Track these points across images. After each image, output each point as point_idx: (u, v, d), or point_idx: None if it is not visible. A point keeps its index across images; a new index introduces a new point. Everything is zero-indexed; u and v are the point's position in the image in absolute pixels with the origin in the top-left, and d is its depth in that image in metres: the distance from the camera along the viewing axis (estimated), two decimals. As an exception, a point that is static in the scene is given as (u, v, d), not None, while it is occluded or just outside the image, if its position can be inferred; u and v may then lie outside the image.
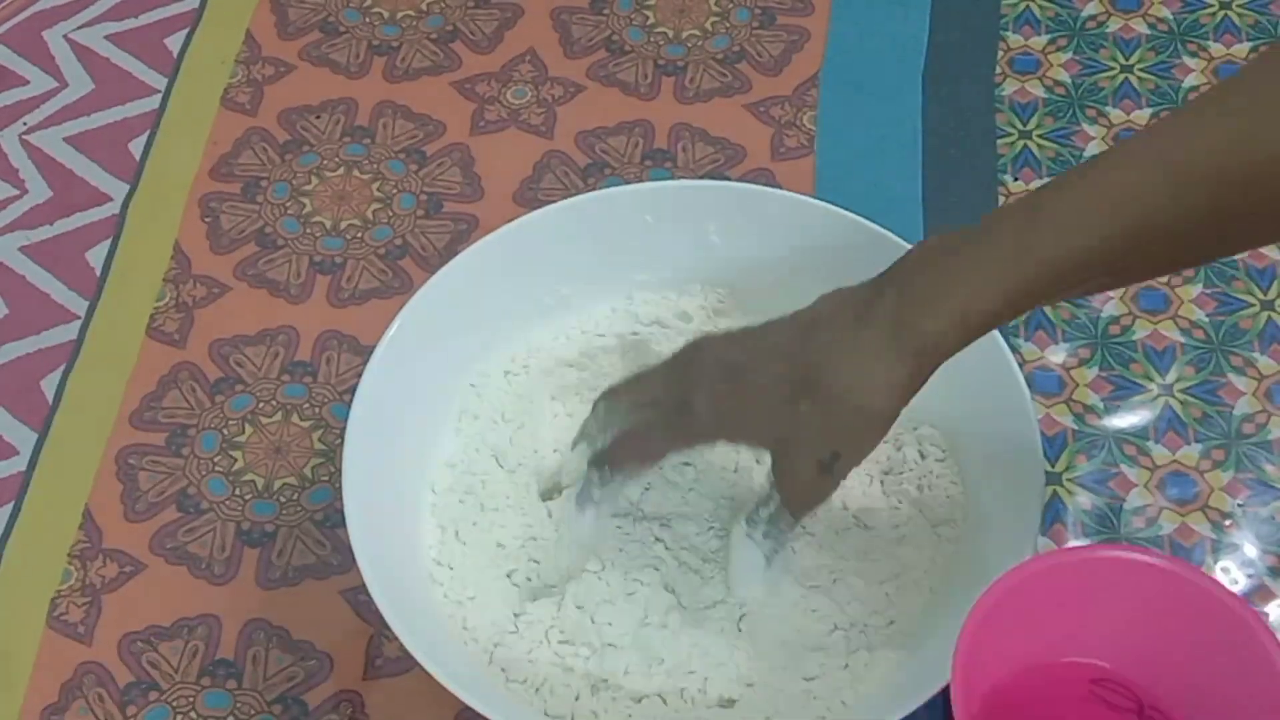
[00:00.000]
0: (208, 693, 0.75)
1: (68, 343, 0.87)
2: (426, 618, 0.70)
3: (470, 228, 0.91)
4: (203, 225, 0.92)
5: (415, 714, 0.73)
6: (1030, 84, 0.96)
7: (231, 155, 0.95)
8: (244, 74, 0.99)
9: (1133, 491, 0.79)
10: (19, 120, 0.97)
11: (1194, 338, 0.84)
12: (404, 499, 0.74)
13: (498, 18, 1.01)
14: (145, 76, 0.99)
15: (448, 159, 0.94)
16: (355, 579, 0.71)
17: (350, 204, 0.92)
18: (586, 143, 0.94)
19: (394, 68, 0.99)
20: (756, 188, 0.81)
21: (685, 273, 0.81)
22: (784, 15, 1.01)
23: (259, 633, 0.76)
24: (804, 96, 0.96)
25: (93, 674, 0.75)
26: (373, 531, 0.68)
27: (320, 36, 1.01)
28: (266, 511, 0.80)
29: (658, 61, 0.99)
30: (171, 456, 0.82)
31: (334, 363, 0.85)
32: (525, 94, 0.97)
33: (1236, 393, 0.82)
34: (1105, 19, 0.99)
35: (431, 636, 0.67)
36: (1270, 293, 0.86)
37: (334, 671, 0.75)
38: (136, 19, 1.02)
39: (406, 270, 0.89)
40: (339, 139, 0.95)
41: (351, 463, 0.69)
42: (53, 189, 0.94)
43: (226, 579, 0.78)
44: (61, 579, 0.78)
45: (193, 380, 0.85)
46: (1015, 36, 0.98)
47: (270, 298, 0.88)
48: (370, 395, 0.72)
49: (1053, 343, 0.84)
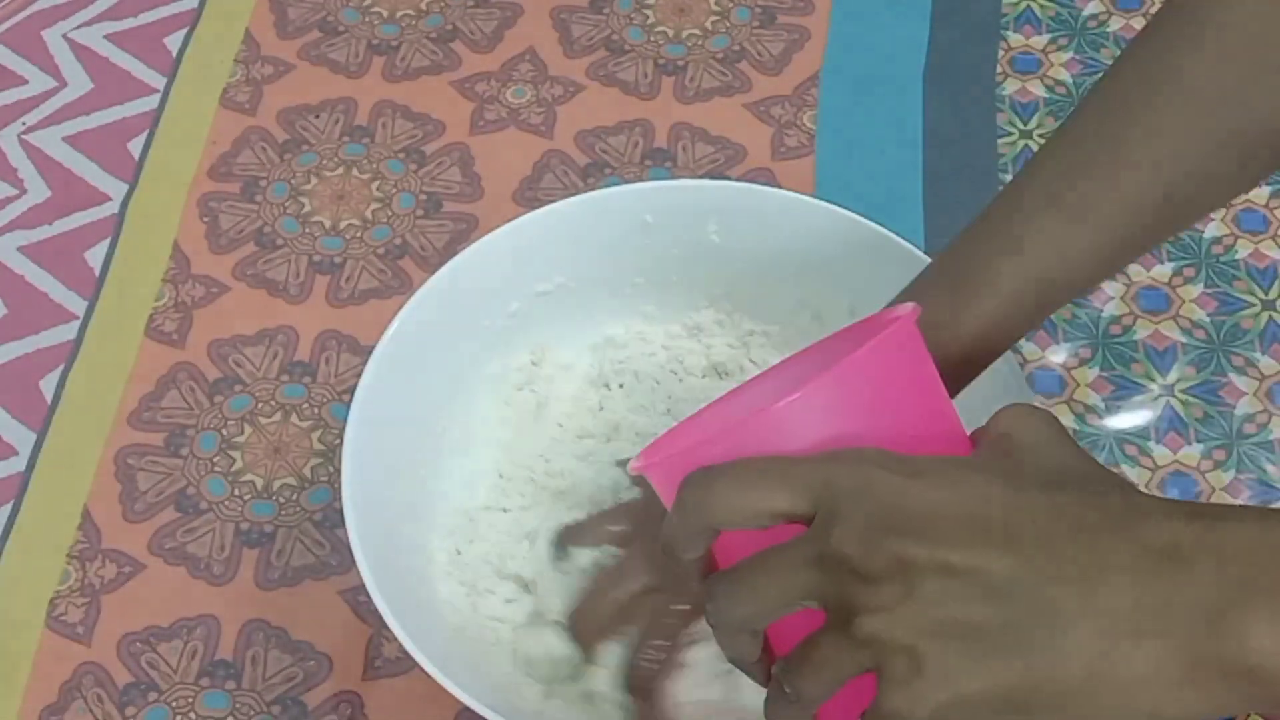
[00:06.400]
0: (207, 693, 0.74)
1: (67, 343, 0.87)
2: (426, 618, 0.69)
3: (470, 227, 0.91)
4: (202, 225, 0.92)
5: (415, 714, 0.73)
6: (1031, 84, 0.96)
7: (230, 155, 0.95)
8: (243, 73, 0.99)
9: (1134, 492, 0.79)
10: (18, 120, 0.97)
11: (1195, 338, 0.84)
12: (403, 499, 0.74)
13: (497, 17, 1.01)
14: (144, 76, 0.99)
15: (447, 158, 0.94)
16: (355, 579, 0.71)
17: (349, 204, 0.92)
18: (586, 142, 0.94)
19: (393, 67, 0.99)
20: (756, 187, 0.81)
21: (685, 273, 0.81)
22: (784, 15, 1.00)
23: (258, 633, 0.76)
24: (804, 96, 0.96)
25: (92, 674, 0.75)
26: (372, 531, 0.68)
27: (319, 36, 1.01)
28: (265, 512, 0.80)
29: (658, 61, 0.98)
30: (170, 457, 0.82)
31: (333, 363, 0.85)
32: (525, 93, 0.97)
33: (1238, 393, 0.82)
34: (1106, 18, 0.99)
35: (431, 637, 0.67)
36: (1271, 292, 0.86)
37: (333, 672, 0.75)
38: (135, 18, 1.02)
39: (406, 270, 0.89)
40: (338, 138, 0.95)
41: (351, 463, 0.69)
42: (52, 189, 0.94)
43: (226, 579, 0.78)
44: (60, 579, 0.78)
45: (192, 380, 0.85)
46: (1016, 36, 0.98)
47: (269, 298, 0.88)
48: (369, 395, 0.72)
49: (1054, 343, 0.84)
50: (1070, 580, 0.41)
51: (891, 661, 0.42)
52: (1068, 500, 0.43)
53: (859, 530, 0.42)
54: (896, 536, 0.42)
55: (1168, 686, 0.40)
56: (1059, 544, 0.41)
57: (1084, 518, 0.42)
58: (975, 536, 0.42)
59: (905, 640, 0.41)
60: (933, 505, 0.42)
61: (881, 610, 0.42)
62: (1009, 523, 0.42)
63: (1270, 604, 0.39)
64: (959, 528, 0.42)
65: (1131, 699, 0.41)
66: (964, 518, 0.42)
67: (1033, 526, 0.42)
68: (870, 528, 0.42)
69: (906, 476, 0.43)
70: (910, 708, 0.41)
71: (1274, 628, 0.39)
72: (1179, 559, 0.41)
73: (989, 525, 0.42)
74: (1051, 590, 0.41)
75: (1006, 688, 0.41)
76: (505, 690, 0.69)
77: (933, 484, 0.43)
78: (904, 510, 0.42)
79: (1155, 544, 0.41)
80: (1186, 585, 0.40)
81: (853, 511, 0.43)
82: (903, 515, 0.42)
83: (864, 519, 0.42)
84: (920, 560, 0.41)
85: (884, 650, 0.42)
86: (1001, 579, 0.41)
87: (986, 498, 0.43)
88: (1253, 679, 0.40)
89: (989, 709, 0.41)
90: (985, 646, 0.41)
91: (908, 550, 0.42)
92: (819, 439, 0.46)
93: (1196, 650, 0.40)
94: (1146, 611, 0.40)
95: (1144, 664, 0.40)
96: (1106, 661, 0.40)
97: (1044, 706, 0.41)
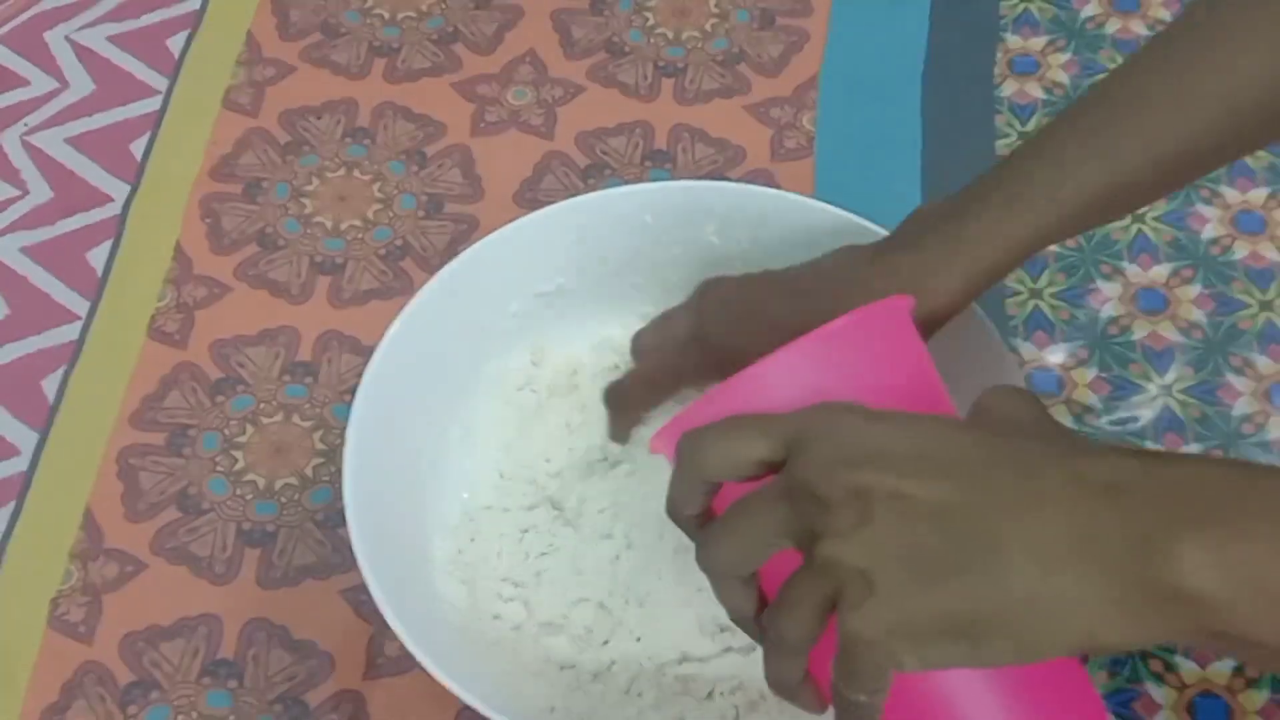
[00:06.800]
0: (208, 692, 0.75)
1: (69, 343, 0.87)
2: (427, 617, 0.70)
3: (470, 228, 0.91)
4: (204, 226, 0.92)
5: (416, 714, 0.73)
6: (1029, 85, 0.96)
7: (232, 156, 0.95)
8: (245, 75, 0.99)
9: (1132, 492, 0.79)
10: (20, 121, 0.97)
11: (1193, 338, 0.84)
12: (404, 499, 0.74)
13: (498, 19, 1.02)
14: (146, 77, 1.00)
15: (448, 160, 0.94)
16: (355, 579, 0.71)
17: (351, 205, 0.92)
18: (586, 143, 0.95)
19: (395, 69, 0.99)
20: (756, 188, 0.81)
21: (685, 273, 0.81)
22: (783, 16, 1.01)
23: (260, 632, 0.76)
24: (803, 98, 0.96)
25: (93, 674, 0.75)
26: (373, 531, 0.68)
27: (321, 38, 1.01)
28: (267, 511, 0.80)
29: (658, 63, 0.99)
30: (172, 457, 0.82)
31: (335, 363, 0.86)
32: (525, 95, 0.97)
33: (1235, 393, 0.82)
34: (1104, 20, 0.99)
35: (431, 636, 0.67)
36: (1269, 293, 0.86)
37: (335, 671, 0.75)
38: (138, 20, 1.03)
39: (407, 271, 0.89)
40: (340, 140, 0.96)
41: (352, 463, 0.69)
42: (54, 190, 0.94)
43: (227, 579, 0.78)
44: (62, 579, 0.78)
45: (194, 381, 0.85)
46: (1014, 38, 0.99)
47: (271, 298, 0.88)
48: (371, 395, 0.72)
49: (1051, 343, 0.84)
50: (1009, 508, 0.44)
51: (848, 585, 0.45)
52: (1020, 444, 0.46)
53: (820, 461, 0.46)
54: (854, 466, 0.45)
55: (1102, 611, 0.42)
56: (1005, 477, 0.44)
57: (1028, 453, 0.45)
58: (927, 468, 0.45)
59: (859, 563, 0.44)
60: (890, 441, 0.46)
61: (838, 535, 0.45)
62: (958, 457, 0.45)
63: (1202, 532, 0.41)
64: (913, 460, 0.45)
65: (1067, 623, 0.43)
66: (919, 452, 0.46)
67: (983, 462, 0.45)
68: (831, 460, 0.46)
69: (870, 419, 0.48)
70: (863, 627, 0.44)
71: (1204, 554, 0.41)
72: (1115, 492, 0.43)
73: (942, 460, 0.45)
74: (992, 517, 0.44)
75: (951, 610, 0.43)
76: (506, 689, 0.70)
77: (893, 424, 0.47)
78: (862, 445, 0.46)
79: (1094, 478, 0.44)
80: (1121, 515, 0.43)
81: (818, 447, 0.46)
82: (861, 449, 0.46)
83: (826, 452, 0.46)
84: (874, 487, 0.45)
85: (841, 573, 0.45)
86: (947, 506, 0.44)
87: (940, 436, 0.47)
88: (1184, 603, 0.41)
89: (936, 629, 0.44)
90: (931, 570, 0.44)
91: (862, 477, 0.45)
92: (802, 397, 0.50)
93: (1129, 576, 0.42)
94: (1081, 539, 0.43)
95: (1078, 588, 0.42)
96: (1042, 586, 0.43)
97: (986, 628, 0.43)
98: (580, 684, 0.70)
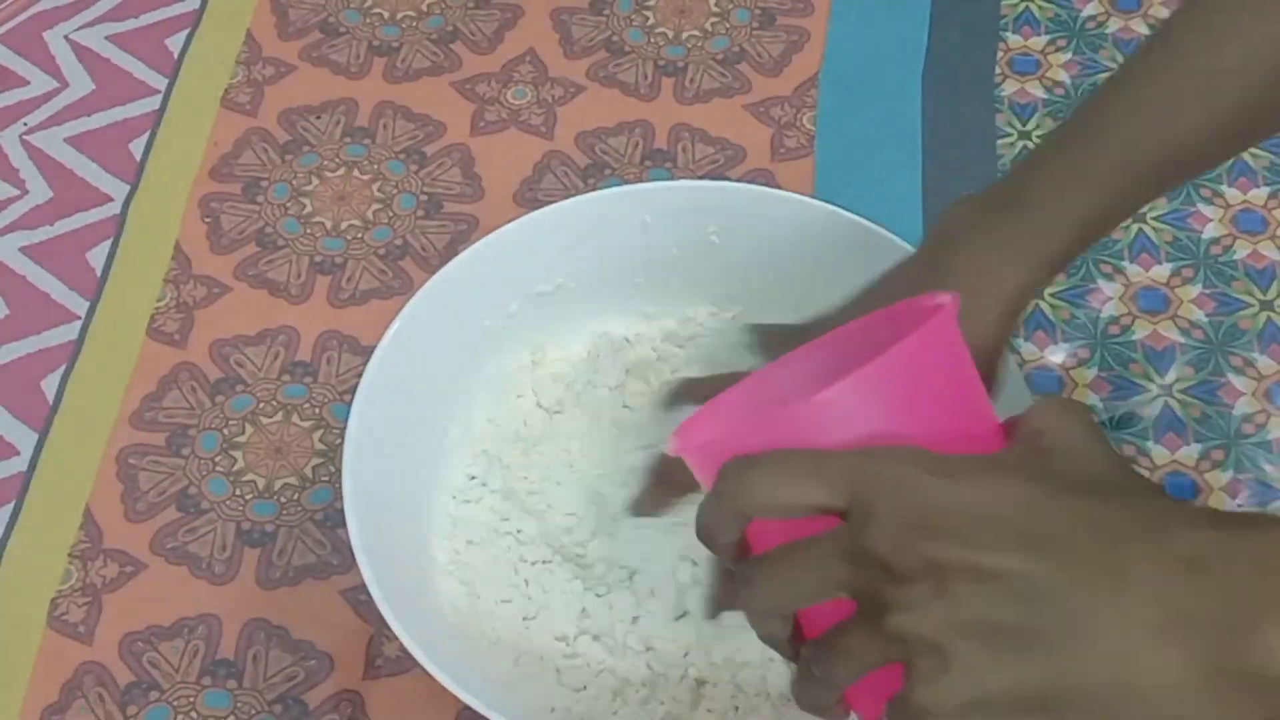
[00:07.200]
0: (208, 692, 0.75)
1: (68, 343, 0.87)
2: (426, 618, 0.70)
3: (470, 228, 0.91)
4: (203, 225, 0.92)
5: (415, 714, 0.73)
6: (1030, 85, 0.96)
7: (232, 155, 0.95)
8: (244, 74, 0.99)
9: (1132, 491, 0.79)
10: (19, 120, 0.97)
11: (1193, 338, 0.84)
12: (404, 499, 0.74)
13: (498, 18, 1.02)
14: (146, 77, 0.99)
15: (448, 159, 0.94)
16: (355, 579, 0.71)
17: (350, 204, 0.92)
18: (586, 143, 0.95)
19: (394, 68, 0.99)
20: (756, 188, 0.81)
21: (685, 273, 0.81)
22: (784, 16, 1.01)
23: (259, 632, 0.76)
24: (804, 97, 0.96)
25: (93, 674, 0.75)
26: (373, 531, 0.68)
27: (320, 37, 1.01)
28: (267, 511, 0.80)
29: (658, 62, 0.99)
30: (172, 456, 0.82)
31: (334, 363, 0.86)
32: (525, 94, 0.97)
33: (1236, 393, 0.82)
34: (1105, 19, 0.99)
35: (431, 636, 0.67)
36: (1269, 293, 0.86)
37: (334, 671, 0.75)
38: (137, 19, 1.02)
39: (406, 270, 0.89)
40: (339, 139, 0.95)
41: (351, 463, 0.69)
42: (53, 189, 0.94)
43: (227, 579, 0.78)
44: (62, 579, 0.78)
45: (193, 380, 0.85)
46: (1015, 37, 0.98)
47: (270, 298, 0.88)
48: (370, 395, 0.72)
49: (1052, 343, 0.84)
50: (1096, 586, 0.41)
51: (920, 657, 0.42)
52: (1097, 506, 0.43)
53: (892, 530, 0.43)
54: (929, 538, 0.42)
55: (1191, 696, 0.40)
56: (1086, 550, 0.42)
57: (1112, 524, 0.43)
58: (1005, 540, 0.42)
59: (934, 638, 0.42)
60: (965, 507, 0.43)
61: (912, 608, 0.42)
62: (1039, 527, 0.43)
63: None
64: (990, 531, 0.43)
65: (1154, 707, 0.41)
66: (995, 521, 0.43)
67: (1062, 531, 0.42)
68: (903, 528, 0.43)
69: (940, 477, 0.44)
70: (936, 703, 0.42)
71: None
72: (1204, 569, 0.41)
73: (1019, 529, 0.43)
74: (1077, 595, 0.41)
75: (1030, 689, 0.41)
76: (506, 689, 0.70)
77: (966, 485, 0.44)
78: (937, 511, 0.43)
79: (1181, 552, 0.41)
80: (1211, 595, 0.41)
81: (886, 511, 0.43)
82: (935, 517, 0.43)
83: (897, 519, 0.43)
84: (951, 562, 0.42)
85: (913, 646, 0.42)
86: (1029, 582, 0.42)
87: (1018, 501, 0.43)
88: (1273, 687, 0.40)
89: (1012, 709, 0.42)
90: (1011, 647, 0.42)
91: (939, 552, 0.42)
92: (856, 432, 0.46)
93: (1220, 660, 0.40)
94: (1170, 620, 0.41)
95: (1167, 672, 0.40)
96: (1129, 668, 0.41)
97: (1067, 710, 0.41)
98: (580, 684, 0.70)
